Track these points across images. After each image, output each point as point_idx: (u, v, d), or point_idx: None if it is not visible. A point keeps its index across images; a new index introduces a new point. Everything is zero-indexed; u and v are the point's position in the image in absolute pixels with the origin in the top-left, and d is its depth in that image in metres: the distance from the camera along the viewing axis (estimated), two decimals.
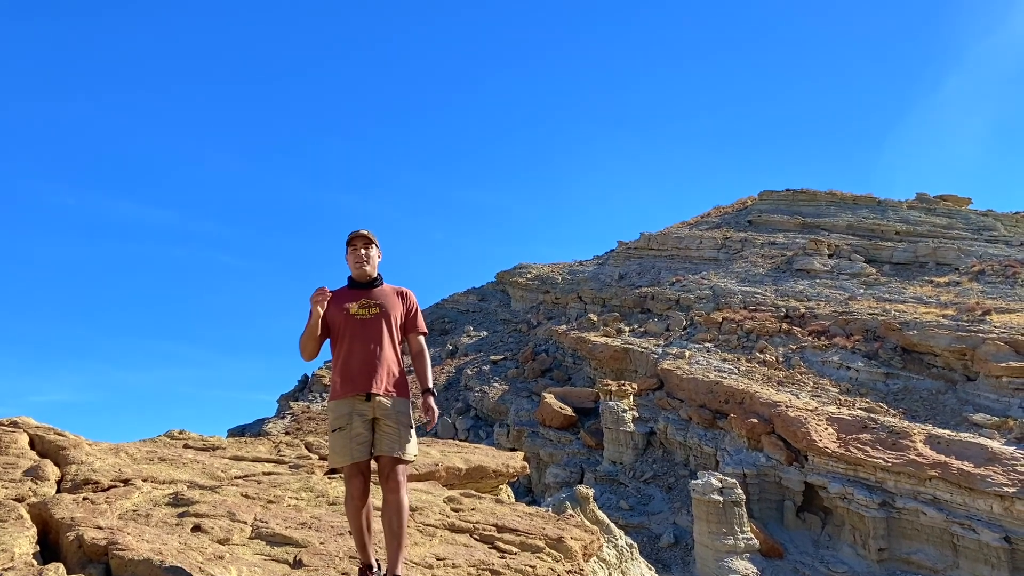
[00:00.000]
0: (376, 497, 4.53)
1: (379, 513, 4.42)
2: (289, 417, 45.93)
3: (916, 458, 22.67)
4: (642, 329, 42.94)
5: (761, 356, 34.92)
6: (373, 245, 4.63)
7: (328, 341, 4.62)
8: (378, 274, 4.69)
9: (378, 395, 4.39)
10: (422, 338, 4.76)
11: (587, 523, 7.95)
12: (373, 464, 4.46)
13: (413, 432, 4.48)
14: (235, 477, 6.65)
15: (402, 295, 4.72)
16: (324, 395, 50.17)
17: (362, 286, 4.62)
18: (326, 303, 4.44)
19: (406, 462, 4.40)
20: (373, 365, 4.43)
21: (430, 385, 4.59)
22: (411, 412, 4.58)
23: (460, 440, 34.36)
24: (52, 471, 5.95)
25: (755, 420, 27.72)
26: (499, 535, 5.69)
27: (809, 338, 35.53)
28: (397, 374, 4.54)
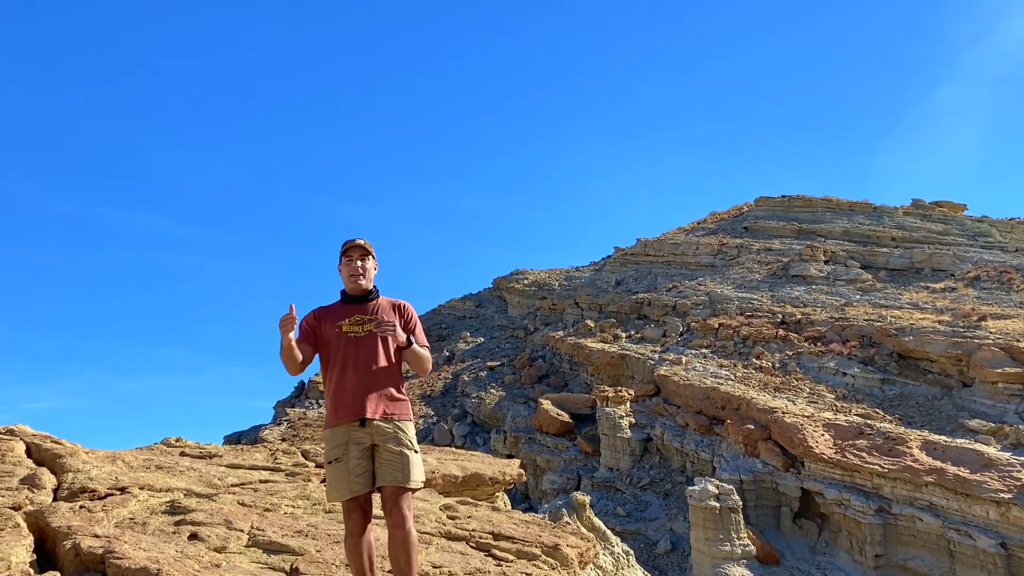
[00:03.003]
0: (378, 524, 4.29)
1: (380, 540, 4.23)
2: (285, 424, 45.83)
3: (912, 464, 22.71)
4: (639, 335, 42.97)
5: (757, 362, 34.97)
6: (370, 256, 4.24)
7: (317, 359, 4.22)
8: (374, 287, 4.29)
9: (374, 419, 4.00)
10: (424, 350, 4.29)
11: (583, 530, 7.97)
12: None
13: (418, 456, 4.10)
14: (232, 485, 6.66)
15: (399, 309, 4.31)
16: (320, 401, 50.08)
17: (356, 300, 4.23)
18: (294, 328, 3.98)
19: (411, 490, 4.02)
20: (368, 387, 4.04)
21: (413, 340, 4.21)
22: (415, 435, 4.20)
23: (456, 447, 34.27)
24: (49, 479, 5.96)
25: (752, 426, 27.74)
26: (495, 543, 5.70)
27: (805, 344, 35.58)
28: (396, 395, 4.14)
